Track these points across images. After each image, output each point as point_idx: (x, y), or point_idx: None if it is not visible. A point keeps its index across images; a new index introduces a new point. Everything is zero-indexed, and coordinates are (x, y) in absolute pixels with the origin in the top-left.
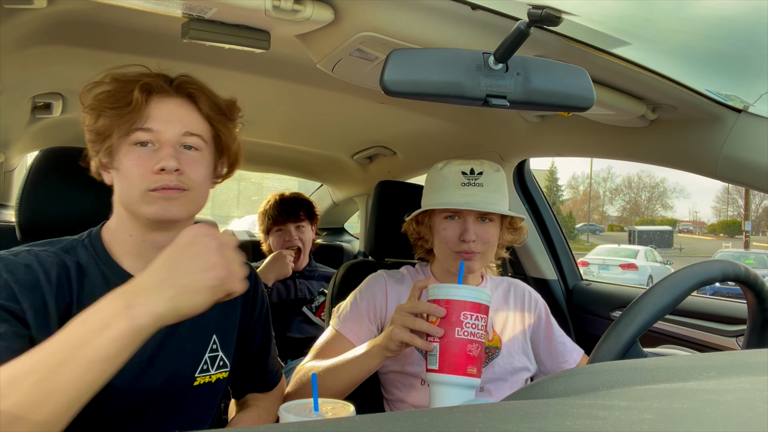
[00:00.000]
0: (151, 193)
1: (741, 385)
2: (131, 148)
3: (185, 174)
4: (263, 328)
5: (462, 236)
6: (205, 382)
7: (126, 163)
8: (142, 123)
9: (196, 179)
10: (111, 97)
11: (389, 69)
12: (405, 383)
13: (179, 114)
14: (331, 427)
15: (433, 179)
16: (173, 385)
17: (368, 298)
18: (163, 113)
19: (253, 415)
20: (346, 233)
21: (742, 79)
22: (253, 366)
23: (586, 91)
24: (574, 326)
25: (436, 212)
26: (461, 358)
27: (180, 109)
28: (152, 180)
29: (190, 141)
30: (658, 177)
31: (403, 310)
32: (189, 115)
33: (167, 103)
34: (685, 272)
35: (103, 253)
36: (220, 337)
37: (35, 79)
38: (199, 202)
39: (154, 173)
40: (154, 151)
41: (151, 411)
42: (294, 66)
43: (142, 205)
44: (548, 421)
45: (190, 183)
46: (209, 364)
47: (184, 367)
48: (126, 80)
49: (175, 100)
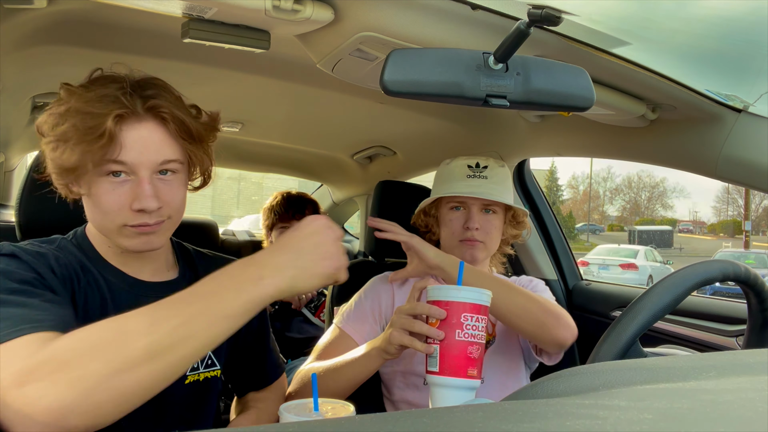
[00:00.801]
0: (129, 228)
1: (741, 385)
2: (103, 178)
3: (165, 204)
4: (258, 323)
5: (466, 224)
6: (194, 380)
7: (100, 194)
8: (116, 155)
9: (175, 205)
10: (76, 130)
11: (389, 69)
12: (408, 383)
13: (153, 140)
14: (331, 427)
15: (441, 173)
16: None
17: (373, 298)
18: (137, 142)
19: (252, 417)
20: (346, 233)
21: (742, 79)
22: (250, 362)
23: (586, 91)
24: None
25: (442, 204)
26: (462, 360)
27: (153, 134)
28: (130, 216)
29: (167, 167)
30: (658, 177)
31: (402, 312)
32: (162, 140)
33: (139, 130)
34: (685, 272)
35: (92, 252)
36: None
37: (35, 79)
38: (178, 222)
39: (132, 210)
40: (128, 183)
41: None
42: (294, 66)
43: (119, 237)
44: (548, 421)
45: (170, 211)
46: (199, 362)
47: None
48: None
49: (147, 125)
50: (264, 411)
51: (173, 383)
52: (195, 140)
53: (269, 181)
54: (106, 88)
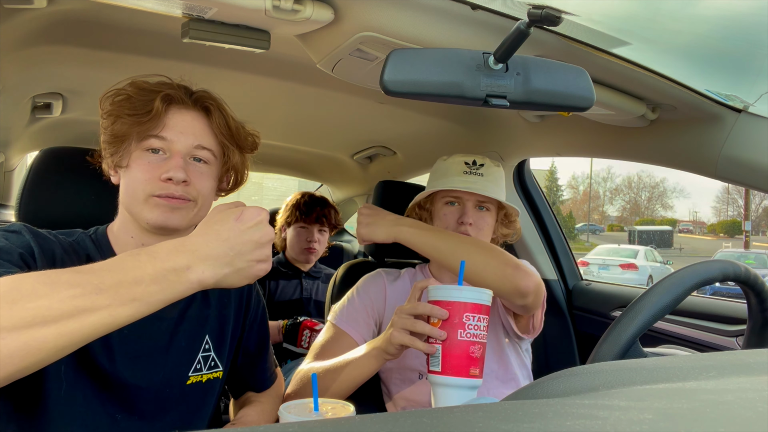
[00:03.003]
0: (155, 199)
1: (741, 385)
2: (143, 153)
3: (192, 185)
4: (259, 327)
5: (460, 219)
6: (197, 381)
7: (135, 167)
8: (158, 131)
9: (202, 191)
10: (131, 103)
11: (389, 69)
12: (403, 378)
13: (193, 126)
14: (331, 427)
15: (438, 168)
16: (168, 383)
17: (365, 295)
18: (178, 124)
19: (257, 409)
20: (346, 233)
21: (742, 79)
22: (249, 365)
23: (586, 91)
24: (574, 326)
25: (437, 198)
26: (464, 360)
27: (195, 122)
28: (158, 186)
29: (200, 154)
30: (658, 177)
31: (403, 312)
32: (202, 129)
33: (184, 114)
34: (685, 272)
35: (108, 250)
36: (213, 338)
37: (35, 79)
38: (200, 214)
39: (161, 180)
40: (164, 159)
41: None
42: (294, 66)
43: (144, 208)
44: (548, 421)
45: (195, 194)
46: (202, 363)
47: (179, 366)
48: (148, 89)
49: (191, 112)
50: (267, 405)
51: (174, 384)
52: (233, 139)
53: (269, 181)
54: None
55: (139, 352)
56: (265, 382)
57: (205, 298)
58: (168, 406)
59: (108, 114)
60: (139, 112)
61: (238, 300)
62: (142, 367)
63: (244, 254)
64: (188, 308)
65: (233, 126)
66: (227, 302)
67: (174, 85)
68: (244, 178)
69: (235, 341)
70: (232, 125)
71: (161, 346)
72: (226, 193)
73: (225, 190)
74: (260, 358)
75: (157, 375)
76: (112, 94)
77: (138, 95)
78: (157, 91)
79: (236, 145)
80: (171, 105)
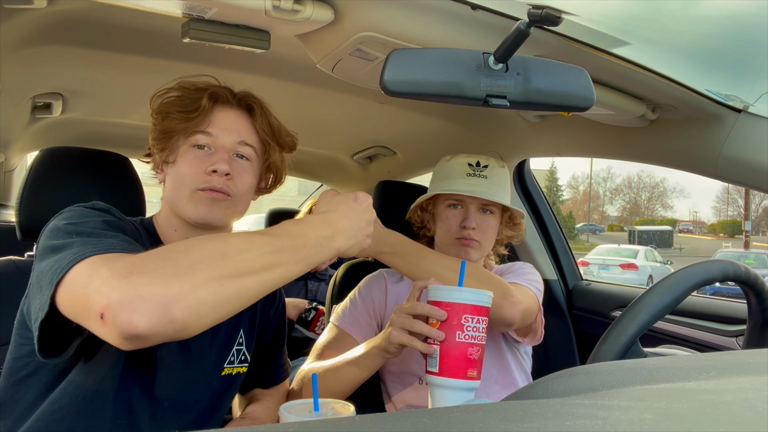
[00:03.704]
0: (199, 192)
1: (741, 385)
2: (189, 149)
3: (233, 180)
4: (278, 322)
5: (463, 223)
6: (228, 374)
7: (182, 162)
8: (204, 127)
9: (242, 187)
10: (180, 101)
11: (389, 69)
12: (404, 382)
13: (237, 124)
14: (331, 427)
15: (440, 169)
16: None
17: (367, 295)
18: (223, 121)
19: (264, 407)
20: None
21: (742, 79)
22: (265, 360)
23: (586, 91)
24: (574, 326)
25: (440, 200)
26: (461, 362)
27: (239, 119)
28: (202, 180)
29: (243, 150)
30: (658, 177)
31: (402, 311)
32: (245, 127)
33: (228, 113)
34: (685, 272)
35: (158, 239)
36: (246, 332)
37: (35, 79)
38: (239, 210)
39: (205, 174)
40: (209, 155)
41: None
42: (294, 66)
43: (188, 203)
44: (548, 421)
45: (235, 190)
46: (235, 356)
47: (218, 357)
48: (196, 88)
49: (235, 110)
50: (274, 403)
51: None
52: (274, 137)
53: None
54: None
55: (189, 341)
56: (277, 378)
57: None
58: (204, 396)
59: (157, 112)
60: (187, 110)
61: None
62: (191, 356)
63: (362, 229)
64: None
65: (275, 125)
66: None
67: (219, 86)
68: (283, 178)
69: (258, 336)
70: (274, 124)
71: (207, 337)
72: (264, 193)
73: (264, 189)
74: (276, 353)
75: (202, 365)
76: (162, 93)
77: (186, 94)
78: (203, 89)
79: (277, 143)
80: (217, 103)
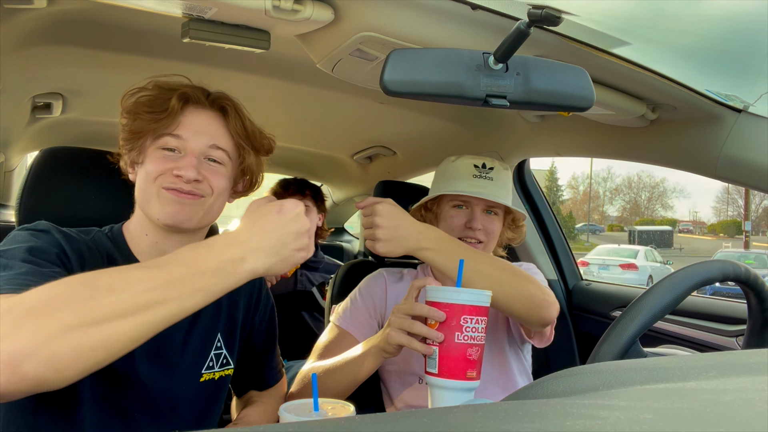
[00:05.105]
0: (165, 192)
1: (741, 385)
2: (158, 150)
3: (204, 181)
4: (268, 326)
5: (469, 223)
6: (210, 379)
7: (151, 161)
8: (173, 129)
9: (215, 187)
10: (150, 102)
11: (389, 69)
12: (404, 382)
13: (209, 126)
14: (331, 427)
15: (445, 169)
16: (183, 381)
17: (368, 295)
18: (194, 123)
19: (260, 410)
20: (346, 233)
21: (742, 79)
22: (256, 363)
23: (586, 91)
24: (574, 326)
25: (444, 201)
26: (461, 363)
27: (211, 122)
28: (168, 180)
29: (215, 154)
30: (658, 177)
31: (400, 312)
32: (218, 129)
33: (200, 114)
34: (685, 272)
35: (125, 248)
36: (224, 336)
37: (35, 79)
38: (212, 213)
39: (172, 175)
40: (178, 158)
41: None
42: (294, 66)
43: (156, 203)
44: (548, 421)
45: (207, 190)
46: (214, 361)
47: (194, 364)
48: (167, 88)
49: (208, 112)
50: (269, 405)
51: (189, 382)
52: (249, 141)
53: (269, 181)
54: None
55: (156, 351)
56: (270, 380)
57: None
58: (182, 403)
59: (127, 111)
60: (156, 110)
61: (247, 297)
62: (160, 365)
63: (287, 244)
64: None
65: (249, 127)
66: (237, 300)
67: (192, 85)
68: (259, 181)
69: (244, 338)
70: (249, 127)
71: (177, 344)
72: (241, 196)
73: (239, 193)
74: (267, 356)
75: (174, 373)
76: (133, 92)
77: (157, 94)
78: (174, 89)
79: (252, 147)
80: (187, 104)
